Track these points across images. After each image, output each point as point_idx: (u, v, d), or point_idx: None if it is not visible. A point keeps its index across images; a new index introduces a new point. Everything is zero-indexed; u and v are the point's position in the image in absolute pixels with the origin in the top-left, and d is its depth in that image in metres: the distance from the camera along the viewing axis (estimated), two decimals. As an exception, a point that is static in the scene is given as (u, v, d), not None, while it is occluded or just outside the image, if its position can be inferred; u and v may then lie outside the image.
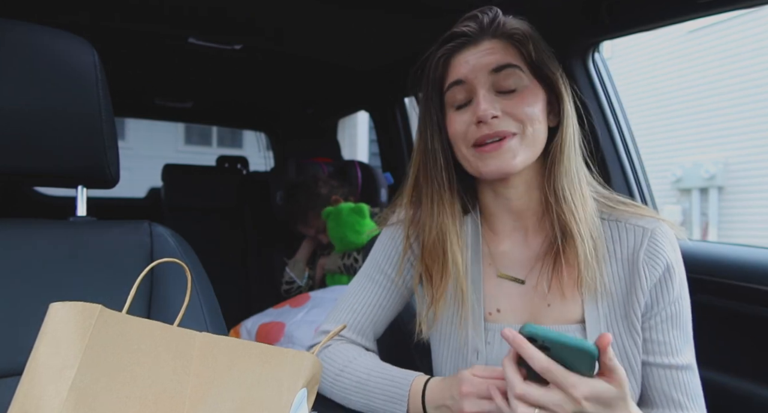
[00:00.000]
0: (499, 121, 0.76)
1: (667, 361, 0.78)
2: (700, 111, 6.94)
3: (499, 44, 0.79)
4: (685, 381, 0.77)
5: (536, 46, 0.78)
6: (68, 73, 0.79)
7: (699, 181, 7.04)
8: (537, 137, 0.78)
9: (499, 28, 0.79)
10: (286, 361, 0.59)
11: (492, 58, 0.77)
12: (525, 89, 0.77)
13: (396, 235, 0.92)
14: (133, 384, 0.53)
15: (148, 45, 1.92)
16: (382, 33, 1.71)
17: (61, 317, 0.52)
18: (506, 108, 0.76)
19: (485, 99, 0.76)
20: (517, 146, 0.76)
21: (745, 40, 6.39)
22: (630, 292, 0.78)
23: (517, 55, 0.78)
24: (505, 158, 0.76)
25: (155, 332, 0.56)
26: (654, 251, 0.78)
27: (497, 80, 0.77)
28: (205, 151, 9.18)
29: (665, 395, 0.78)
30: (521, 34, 0.78)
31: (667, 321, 0.78)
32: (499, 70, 0.77)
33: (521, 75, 0.77)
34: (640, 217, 0.81)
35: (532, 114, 0.76)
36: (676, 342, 0.78)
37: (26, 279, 0.77)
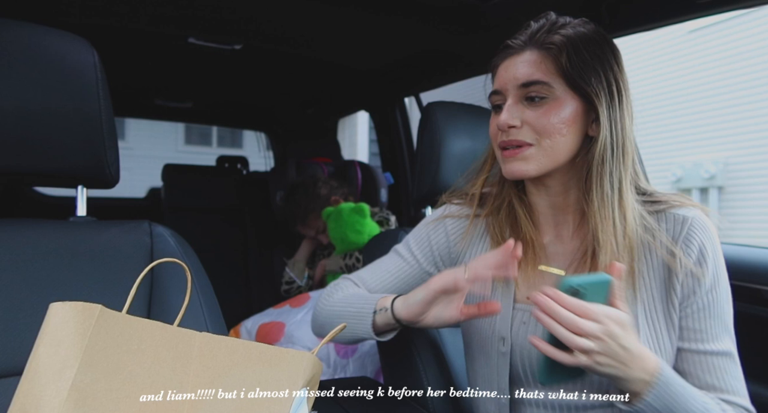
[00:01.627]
0: (518, 131, 0.81)
1: (701, 347, 0.79)
2: (700, 111, 6.94)
3: (535, 56, 0.81)
4: (719, 366, 0.78)
5: (573, 57, 0.78)
6: (68, 73, 0.79)
7: (699, 181, 7.04)
8: (556, 148, 0.80)
9: (542, 37, 0.81)
10: (286, 361, 0.59)
11: (523, 72, 0.81)
12: (554, 101, 0.80)
13: (437, 227, 0.99)
14: (133, 384, 0.53)
15: (148, 45, 1.92)
16: (382, 33, 1.71)
17: (61, 317, 0.52)
18: (529, 118, 0.80)
19: (508, 109, 0.81)
20: (533, 155, 0.81)
21: (745, 40, 6.39)
22: (669, 280, 0.80)
23: (551, 67, 0.80)
24: (520, 164, 0.82)
25: (155, 332, 0.56)
26: (689, 238, 0.80)
27: (526, 92, 0.81)
28: (205, 151, 9.18)
29: (698, 379, 0.79)
30: (558, 45, 0.79)
31: (703, 309, 0.79)
32: (527, 86, 0.80)
33: (550, 89, 0.79)
34: (680, 206, 0.83)
35: (552, 127, 0.79)
36: (711, 330, 0.79)
37: (26, 279, 0.77)
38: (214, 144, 9.85)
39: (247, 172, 3.28)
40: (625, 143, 0.81)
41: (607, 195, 0.79)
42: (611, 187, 0.79)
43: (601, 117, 0.79)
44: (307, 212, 2.09)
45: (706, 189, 7.06)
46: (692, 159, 7.07)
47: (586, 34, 0.81)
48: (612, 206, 0.79)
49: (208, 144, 9.87)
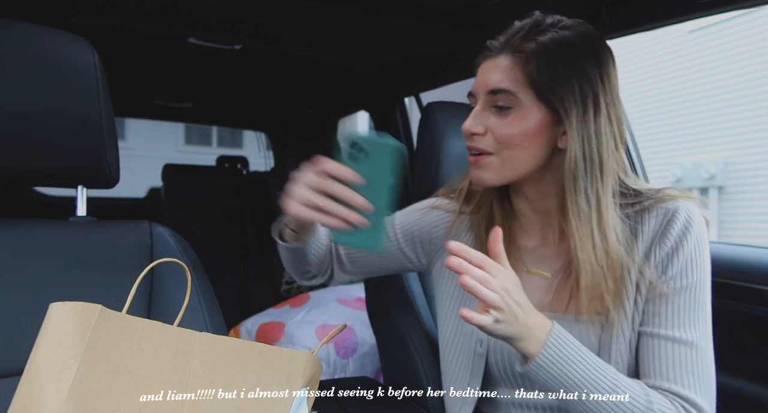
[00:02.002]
0: (481, 138, 0.79)
1: (656, 331, 0.76)
2: (700, 111, 6.94)
3: (507, 62, 0.77)
4: (671, 353, 0.74)
5: (543, 66, 0.74)
6: (68, 74, 0.79)
7: (699, 181, 7.04)
8: (516, 160, 0.77)
9: (514, 43, 0.77)
10: (285, 361, 0.59)
11: (493, 78, 0.78)
12: (519, 111, 0.76)
13: (423, 215, 0.98)
14: (133, 384, 0.53)
15: (148, 45, 1.92)
16: (382, 33, 1.71)
17: (61, 317, 0.52)
18: (492, 126, 0.78)
19: (474, 116, 0.79)
20: (491, 165, 0.79)
21: (745, 40, 6.39)
22: (641, 260, 0.78)
23: (519, 76, 0.76)
24: (479, 172, 0.81)
25: (155, 332, 0.56)
26: (667, 230, 0.77)
27: (494, 100, 0.78)
28: (205, 151, 9.18)
29: (646, 365, 0.75)
30: (528, 52, 0.75)
31: (678, 298, 0.76)
32: (494, 93, 0.77)
33: (515, 99, 0.76)
34: (671, 199, 0.79)
35: (512, 139, 0.76)
36: (673, 318, 0.75)
37: (26, 279, 0.77)
38: (214, 144, 9.85)
39: (247, 172, 3.28)
40: (603, 157, 0.75)
41: (583, 213, 0.75)
42: (588, 204, 0.75)
43: (569, 130, 0.74)
44: (307, 212, 2.09)
45: (706, 189, 7.06)
46: (692, 159, 7.07)
47: (567, 40, 0.75)
48: (590, 224, 0.75)
49: (208, 144, 9.87)
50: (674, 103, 7.18)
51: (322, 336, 1.56)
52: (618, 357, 0.77)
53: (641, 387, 0.72)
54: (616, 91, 0.78)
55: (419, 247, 0.98)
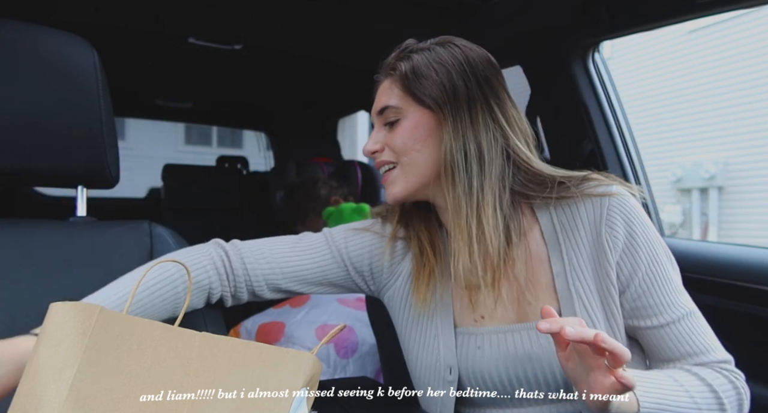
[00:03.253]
0: (380, 154, 0.84)
1: (661, 320, 0.78)
2: (700, 111, 6.94)
3: (387, 83, 0.85)
4: (683, 330, 0.78)
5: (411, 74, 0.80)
6: (68, 74, 0.79)
7: (699, 181, 7.04)
8: (415, 164, 0.81)
9: (389, 65, 0.85)
10: (285, 361, 0.59)
11: (378, 101, 0.85)
12: (406, 121, 0.81)
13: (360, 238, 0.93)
14: (132, 384, 0.53)
15: (148, 45, 1.92)
16: (382, 33, 1.71)
17: (61, 317, 0.52)
18: (387, 140, 0.84)
19: (372, 136, 0.85)
20: (398, 176, 0.83)
21: (745, 40, 6.39)
22: (601, 269, 0.79)
23: (397, 90, 0.82)
24: (389, 190, 0.84)
25: (155, 332, 0.56)
26: (611, 219, 0.79)
27: (384, 118, 0.84)
28: (205, 151, 9.18)
29: (670, 351, 0.79)
30: (402, 67, 0.81)
31: (651, 286, 0.79)
32: (381, 112, 0.84)
33: (399, 111, 0.82)
34: (593, 188, 0.81)
35: (404, 145, 0.81)
36: (664, 300, 0.79)
37: (26, 279, 0.77)
38: (214, 144, 9.85)
39: (247, 172, 3.28)
40: (481, 148, 0.78)
41: (460, 203, 0.78)
42: (465, 195, 0.78)
43: (444, 126, 0.79)
44: (307, 212, 2.09)
45: (706, 189, 7.06)
46: (692, 159, 7.07)
47: (434, 51, 0.81)
48: (466, 213, 0.77)
49: (208, 144, 9.87)
50: (674, 103, 7.18)
51: (322, 336, 1.56)
52: None
53: (699, 379, 0.75)
54: (499, 90, 0.82)
55: (368, 275, 0.93)
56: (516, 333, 0.82)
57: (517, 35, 1.49)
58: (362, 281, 0.93)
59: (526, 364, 0.80)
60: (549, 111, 1.58)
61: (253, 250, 0.87)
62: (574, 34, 1.35)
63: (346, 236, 0.92)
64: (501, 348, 0.81)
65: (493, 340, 0.82)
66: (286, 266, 0.87)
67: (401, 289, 0.91)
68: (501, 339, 0.82)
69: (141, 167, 5.69)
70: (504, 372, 0.81)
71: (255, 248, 0.87)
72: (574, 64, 1.40)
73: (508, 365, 0.81)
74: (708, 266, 1.26)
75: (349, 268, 0.91)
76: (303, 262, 0.89)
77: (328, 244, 0.91)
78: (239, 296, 0.87)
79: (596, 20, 1.27)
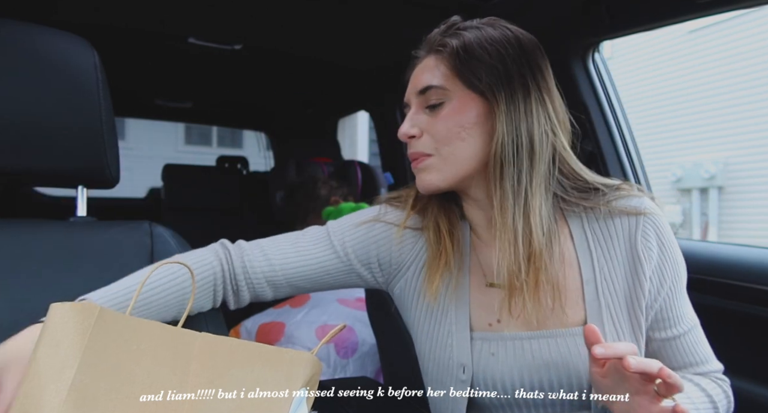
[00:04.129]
0: (417, 141, 0.78)
1: (673, 333, 0.80)
2: (700, 111, 6.94)
3: (432, 61, 0.78)
4: (689, 342, 0.80)
5: (464, 55, 0.74)
6: (68, 74, 0.79)
7: (699, 181, 7.04)
8: (458, 155, 0.75)
9: (435, 42, 0.79)
10: (285, 361, 0.59)
11: (420, 79, 0.78)
12: (452, 105, 0.75)
13: (376, 228, 0.88)
14: (132, 384, 0.53)
15: (148, 45, 1.92)
16: (382, 33, 1.71)
17: (61, 317, 0.52)
18: (427, 126, 0.77)
19: (410, 119, 0.79)
20: (434, 165, 0.77)
21: (745, 40, 6.39)
22: (635, 280, 0.78)
23: (445, 70, 0.76)
24: (422, 176, 0.78)
25: (155, 332, 0.56)
26: (646, 233, 0.78)
27: (425, 99, 0.78)
28: (205, 151, 9.17)
29: (675, 361, 0.81)
30: (449, 46, 0.76)
31: (670, 298, 0.80)
32: (423, 93, 0.77)
33: (446, 93, 0.76)
34: (625, 198, 0.79)
35: (449, 132, 0.75)
36: (678, 312, 0.80)
37: (26, 279, 0.77)
38: (214, 144, 9.85)
39: (247, 172, 3.28)
40: (533, 140, 0.73)
41: (507, 199, 0.73)
42: (513, 191, 0.73)
43: (497, 114, 0.73)
44: (307, 212, 2.09)
45: (706, 189, 7.06)
46: (692, 159, 7.07)
47: (486, 31, 0.76)
48: (513, 211, 0.73)
49: (208, 144, 9.86)
50: (674, 103, 7.18)
51: (322, 336, 1.56)
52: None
53: (701, 390, 0.78)
54: (550, 81, 0.77)
55: (376, 266, 0.87)
56: (535, 341, 0.78)
57: (517, 35, 1.49)
58: (369, 273, 0.87)
59: (542, 372, 0.77)
60: (549, 111, 1.58)
61: (254, 250, 0.84)
62: (574, 34, 1.35)
63: (349, 228, 0.88)
64: (518, 356, 0.78)
65: (509, 347, 0.78)
66: (287, 264, 0.84)
67: (413, 280, 0.86)
68: (518, 347, 0.78)
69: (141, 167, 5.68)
70: (518, 380, 0.78)
71: (256, 248, 0.85)
72: (574, 64, 1.40)
73: (524, 373, 0.77)
74: (708, 266, 1.26)
75: (353, 261, 0.86)
76: (304, 260, 0.85)
77: (330, 239, 0.86)
78: (241, 298, 0.84)
79: (596, 20, 1.27)
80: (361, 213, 0.90)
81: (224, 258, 0.82)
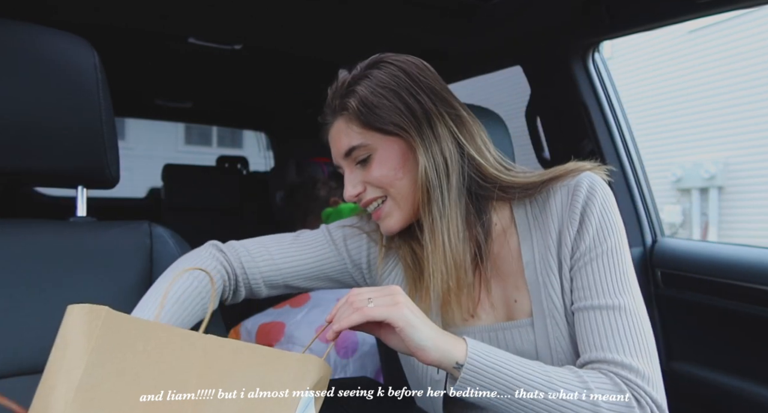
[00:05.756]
0: (364, 194, 0.82)
1: (582, 304, 0.74)
2: (700, 111, 6.94)
3: (342, 124, 0.82)
4: (605, 321, 0.72)
5: (363, 108, 0.78)
6: (68, 74, 0.79)
7: (699, 181, 7.03)
8: (403, 192, 0.80)
9: (336, 105, 0.82)
10: (290, 364, 0.59)
11: (340, 144, 0.82)
12: (378, 154, 0.80)
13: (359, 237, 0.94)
14: (137, 386, 0.53)
15: (148, 45, 1.92)
16: (382, 33, 1.71)
17: (70, 318, 0.53)
18: (366, 178, 0.82)
19: (349, 181, 0.83)
20: (392, 209, 0.82)
21: (745, 40, 6.39)
22: (561, 252, 0.78)
23: (356, 127, 0.80)
24: (386, 223, 0.83)
25: (160, 334, 0.56)
26: (573, 203, 0.78)
27: (353, 159, 0.82)
28: (205, 151, 9.18)
29: (581, 340, 0.74)
30: (349, 105, 0.79)
31: (585, 267, 0.75)
32: (348, 154, 0.81)
33: (367, 147, 0.80)
34: (573, 174, 0.80)
35: (384, 178, 0.80)
36: (596, 286, 0.74)
37: (26, 280, 0.77)
38: (214, 144, 9.85)
39: (247, 172, 3.28)
40: (447, 161, 0.78)
41: (436, 222, 0.77)
42: (439, 213, 0.77)
43: (416, 147, 0.78)
44: (306, 212, 2.09)
45: (706, 189, 7.06)
46: (692, 159, 7.07)
47: (375, 77, 0.80)
48: (441, 232, 0.77)
49: (208, 144, 9.87)
50: (674, 103, 7.18)
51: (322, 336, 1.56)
52: (560, 353, 0.77)
53: (572, 372, 0.68)
54: (446, 94, 0.82)
55: (366, 268, 0.94)
56: (507, 332, 0.81)
57: (517, 35, 1.49)
58: (359, 274, 0.93)
59: None
60: (549, 111, 1.58)
61: (249, 248, 0.88)
62: (574, 34, 1.35)
63: (344, 230, 0.94)
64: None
65: (484, 339, 0.82)
66: (283, 262, 0.89)
67: (393, 283, 0.90)
68: (492, 338, 0.81)
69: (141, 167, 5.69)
70: None
71: (252, 247, 0.89)
72: (574, 64, 1.40)
73: None
74: (708, 266, 1.26)
75: (347, 261, 0.92)
76: (301, 257, 0.90)
77: (327, 238, 0.92)
78: (237, 296, 0.89)
79: (596, 20, 1.27)
80: (348, 220, 0.97)
81: (224, 261, 0.86)
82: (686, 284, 1.32)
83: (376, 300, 0.66)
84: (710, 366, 1.27)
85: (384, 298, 0.66)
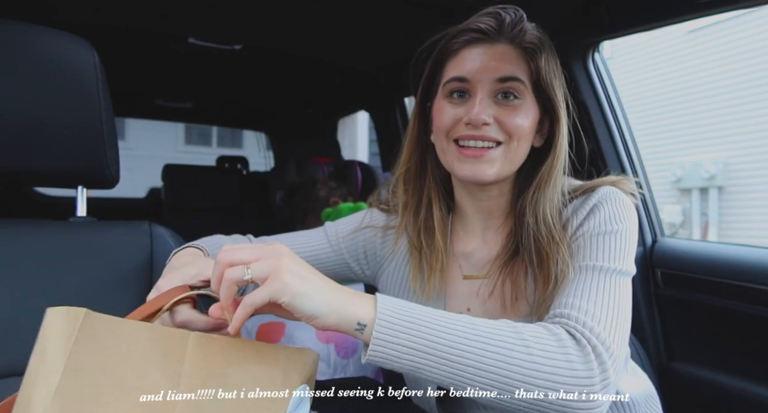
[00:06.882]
0: (489, 128, 0.75)
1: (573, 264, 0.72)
2: (700, 111, 6.94)
3: (514, 52, 0.76)
4: (581, 279, 0.69)
5: (546, 64, 0.76)
6: (68, 74, 0.79)
7: (699, 181, 7.04)
8: (518, 153, 0.77)
9: (518, 34, 0.76)
10: (281, 359, 0.59)
11: (502, 66, 0.75)
12: (524, 103, 0.76)
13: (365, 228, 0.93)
14: (120, 388, 0.51)
15: (148, 45, 1.92)
16: (382, 33, 1.71)
17: (48, 322, 0.51)
18: (500, 116, 0.75)
19: (481, 104, 0.74)
20: (498, 157, 0.75)
21: (745, 40, 6.39)
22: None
23: (525, 68, 0.76)
24: (483, 167, 0.75)
25: (143, 333, 0.55)
26: (585, 204, 0.76)
27: (500, 88, 0.75)
28: (205, 151, 9.17)
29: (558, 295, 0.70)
30: (536, 47, 0.76)
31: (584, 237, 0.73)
32: (504, 81, 0.75)
33: (523, 90, 0.75)
34: (596, 187, 0.78)
35: (522, 129, 0.75)
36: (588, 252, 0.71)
37: (26, 279, 0.77)
38: (214, 144, 9.85)
39: (247, 172, 3.28)
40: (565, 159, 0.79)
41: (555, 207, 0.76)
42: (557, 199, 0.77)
43: (562, 128, 0.77)
44: (306, 213, 2.09)
45: (706, 189, 7.06)
46: (692, 159, 7.07)
47: (549, 41, 0.78)
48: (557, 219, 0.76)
49: (208, 144, 9.86)
50: (674, 103, 7.18)
51: (323, 337, 1.56)
52: None
53: (505, 324, 0.63)
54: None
55: (363, 259, 0.93)
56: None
57: (517, 35, 1.49)
58: (358, 266, 0.93)
59: None
60: (549, 111, 1.58)
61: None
62: (574, 34, 1.35)
63: (342, 225, 0.95)
64: None
65: None
66: None
67: (394, 273, 0.90)
68: None
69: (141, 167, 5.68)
70: None
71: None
72: (574, 64, 1.40)
73: None
74: (708, 266, 1.26)
75: (344, 253, 0.92)
76: (298, 251, 0.89)
77: (325, 233, 0.94)
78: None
79: (596, 20, 1.27)
80: (353, 217, 0.97)
81: None
82: (686, 284, 1.32)
83: (253, 267, 0.55)
84: (710, 366, 1.27)
85: (262, 263, 0.56)
